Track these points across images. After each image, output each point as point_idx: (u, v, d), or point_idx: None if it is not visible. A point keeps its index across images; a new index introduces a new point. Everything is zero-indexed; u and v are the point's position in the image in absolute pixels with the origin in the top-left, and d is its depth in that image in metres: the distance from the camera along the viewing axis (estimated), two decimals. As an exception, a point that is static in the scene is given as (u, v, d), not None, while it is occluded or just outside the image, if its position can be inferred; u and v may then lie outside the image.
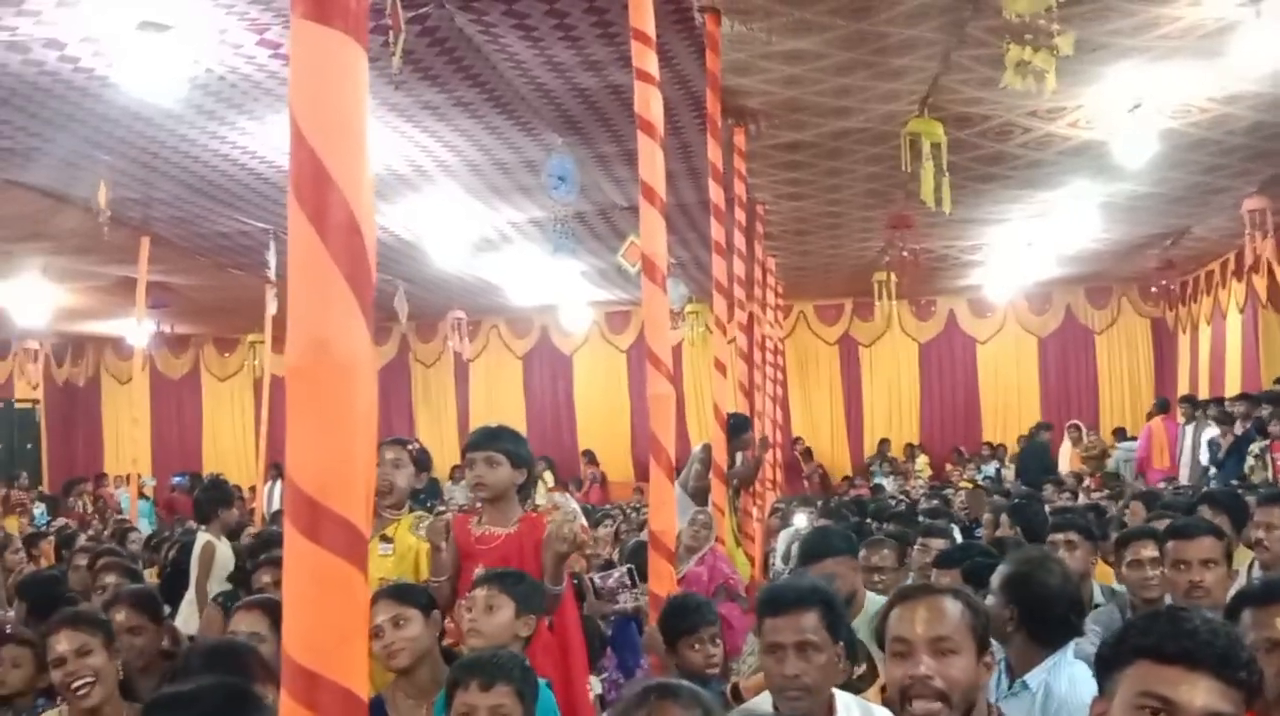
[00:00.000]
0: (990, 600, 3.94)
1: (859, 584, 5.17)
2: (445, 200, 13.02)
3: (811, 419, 22.63)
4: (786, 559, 9.05)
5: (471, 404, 23.09)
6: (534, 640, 4.03)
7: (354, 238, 1.91)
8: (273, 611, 3.76)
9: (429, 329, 22.63)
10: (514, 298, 19.40)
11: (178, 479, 22.12)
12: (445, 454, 21.75)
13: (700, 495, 8.63)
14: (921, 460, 21.52)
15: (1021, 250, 16.93)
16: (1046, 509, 8.07)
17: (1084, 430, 19.67)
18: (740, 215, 10.43)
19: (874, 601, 4.99)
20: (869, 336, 22.45)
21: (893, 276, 16.65)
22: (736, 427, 9.18)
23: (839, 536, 5.37)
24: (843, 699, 3.38)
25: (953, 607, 2.82)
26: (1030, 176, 12.88)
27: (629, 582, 5.83)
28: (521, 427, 5.51)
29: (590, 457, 22.48)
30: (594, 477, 21.96)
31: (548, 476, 20.42)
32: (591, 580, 5.90)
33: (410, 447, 5.25)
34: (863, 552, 5.69)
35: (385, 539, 5.04)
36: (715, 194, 8.49)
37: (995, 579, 3.95)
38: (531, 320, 22.82)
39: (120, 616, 4.58)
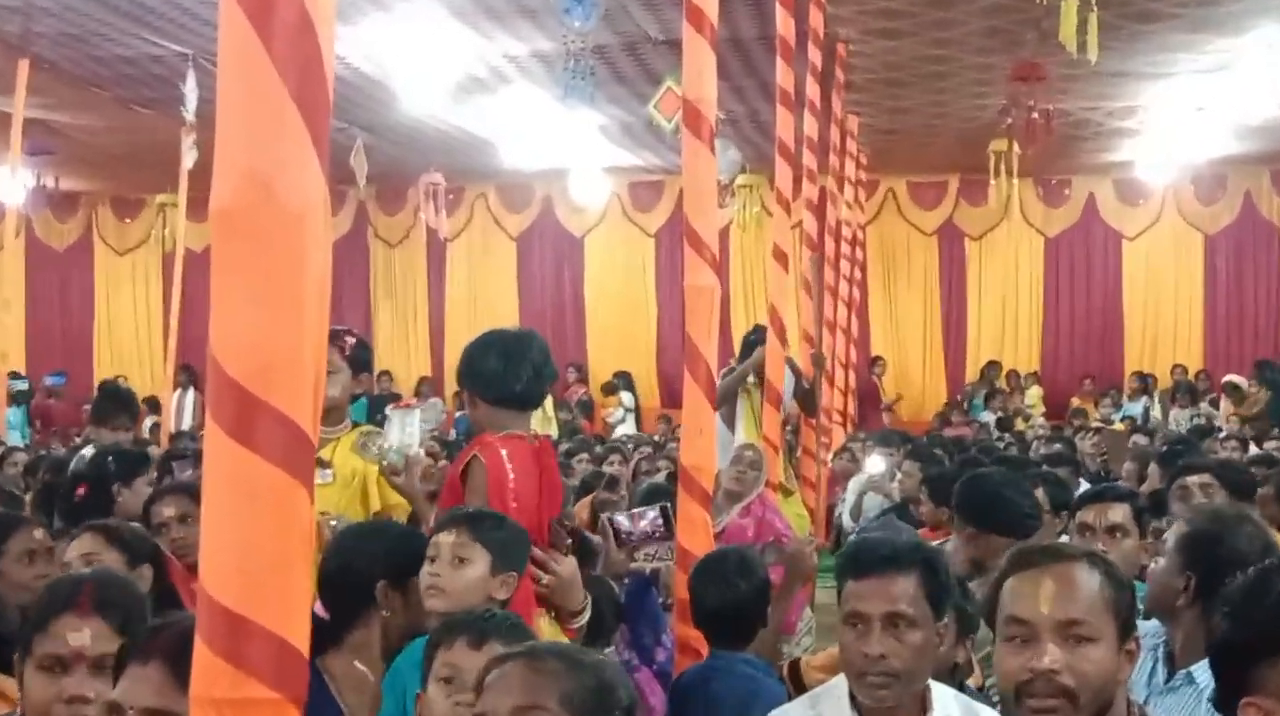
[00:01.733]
0: (1159, 564, 3.95)
1: None
2: (422, 23, 12.88)
3: (897, 333, 22.61)
4: (856, 514, 9.23)
5: (449, 297, 23.13)
6: None
7: (306, 41, 1.88)
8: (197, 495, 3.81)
9: (395, 197, 22.61)
10: (509, 159, 19.29)
11: (51, 379, 22.20)
12: (413, 360, 21.99)
13: (726, 419, 8.69)
14: (1033, 393, 21.42)
15: (1189, 117, 16.74)
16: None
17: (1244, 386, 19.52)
18: (815, 56, 10.35)
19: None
20: (979, 226, 22.29)
21: (1015, 146, 16.39)
22: (750, 344, 9.37)
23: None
24: (940, 692, 3.37)
25: (1088, 580, 2.79)
26: (1206, 16, 12.69)
27: (661, 528, 5.67)
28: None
29: (579, 373, 22.51)
30: (581, 401, 21.86)
31: (546, 403, 20.37)
32: (612, 520, 5.71)
33: (344, 343, 5.29)
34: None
35: (321, 463, 5.01)
36: (783, 26, 8.38)
37: (1172, 538, 3.94)
38: (531, 190, 22.76)
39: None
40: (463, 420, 19.01)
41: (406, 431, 4.94)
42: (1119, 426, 16.77)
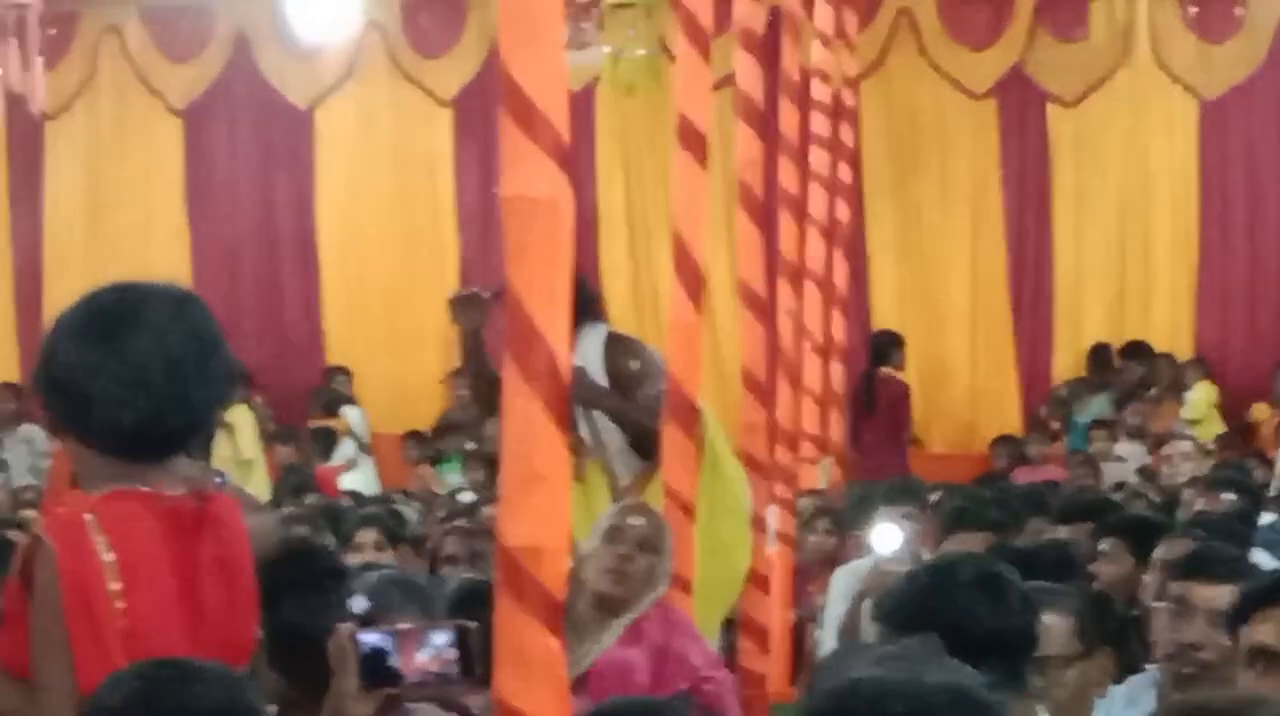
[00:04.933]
0: None
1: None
2: None
3: (924, 286, 15.56)
4: (850, 632, 7.32)
5: (50, 225, 16.08)
6: None
7: None
8: None
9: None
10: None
11: None
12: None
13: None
14: (1199, 395, 14.72)
15: None
16: None
17: None
18: None
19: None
20: (1075, 80, 15.07)
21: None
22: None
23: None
24: None
25: None
26: None
27: (456, 668, 3.73)
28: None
29: (341, 379, 15.15)
30: (355, 445, 14.86)
31: (243, 422, 13.56)
32: (358, 640, 3.67)
33: None
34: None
35: None
36: None
37: None
38: (211, 19, 15.78)
39: None
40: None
41: None
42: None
